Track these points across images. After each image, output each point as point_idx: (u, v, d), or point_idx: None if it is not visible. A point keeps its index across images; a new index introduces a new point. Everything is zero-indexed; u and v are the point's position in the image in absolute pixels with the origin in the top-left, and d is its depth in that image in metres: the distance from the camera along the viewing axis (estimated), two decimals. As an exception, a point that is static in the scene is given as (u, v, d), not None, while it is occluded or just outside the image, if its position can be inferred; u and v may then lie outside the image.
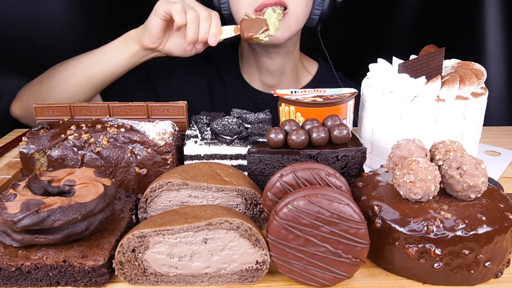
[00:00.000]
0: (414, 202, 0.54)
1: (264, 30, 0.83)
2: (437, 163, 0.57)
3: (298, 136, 0.64)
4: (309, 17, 1.02)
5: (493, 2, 1.13)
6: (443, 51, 0.75)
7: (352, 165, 0.66)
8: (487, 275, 0.53)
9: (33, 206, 0.50)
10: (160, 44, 0.89)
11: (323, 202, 0.49)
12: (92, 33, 1.24)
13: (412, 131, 0.72)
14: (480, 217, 0.51)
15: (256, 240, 0.52)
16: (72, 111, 0.74)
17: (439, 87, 0.70)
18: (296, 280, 0.53)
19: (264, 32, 0.83)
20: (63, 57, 1.22)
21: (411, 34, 1.33)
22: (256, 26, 0.83)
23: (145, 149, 0.68)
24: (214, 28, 0.84)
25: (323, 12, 1.01)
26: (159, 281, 0.53)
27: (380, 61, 0.78)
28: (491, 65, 1.17)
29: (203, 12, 0.83)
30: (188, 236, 0.51)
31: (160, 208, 0.61)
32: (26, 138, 0.69)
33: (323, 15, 1.01)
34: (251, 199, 0.62)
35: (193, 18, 0.82)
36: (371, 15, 1.35)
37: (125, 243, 0.51)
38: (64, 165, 0.68)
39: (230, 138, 0.69)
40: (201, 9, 0.84)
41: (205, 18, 0.83)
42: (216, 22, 0.84)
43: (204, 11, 0.84)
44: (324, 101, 0.75)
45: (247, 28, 0.84)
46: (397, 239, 0.52)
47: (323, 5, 1.00)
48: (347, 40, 1.35)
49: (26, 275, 0.52)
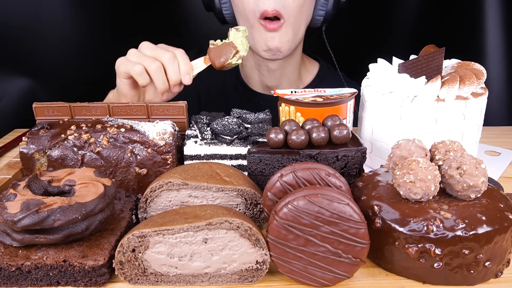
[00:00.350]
0: (414, 202, 0.54)
1: (234, 53, 0.79)
2: (437, 163, 0.57)
3: (298, 136, 0.64)
4: (312, 18, 1.01)
5: (493, 2, 1.13)
6: (443, 51, 0.75)
7: (352, 165, 0.66)
8: (487, 275, 0.53)
9: (33, 206, 0.50)
10: (138, 99, 0.86)
11: (323, 202, 0.49)
12: (92, 34, 1.24)
13: (412, 131, 0.72)
14: (480, 217, 0.51)
15: (256, 240, 0.52)
16: (72, 111, 0.74)
17: (439, 87, 0.70)
18: (296, 280, 0.53)
19: (235, 55, 0.79)
20: (64, 58, 1.23)
21: (411, 34, 1.33)
22: (225, 52, 0.79)
23: (145, 149, 0.68)
24: (183, 67, 0.79)
25: (327, 12, 1.00)
26: (159, 281, 0.53)
27: (380, 61, 0.78)
28: (491, 65, 1.17)
29: (166, 55, 0.78)
30: (188, 236, 0.51)
31: (160, 208, 0.61)
32: (26, 138, 0.69)
33: (328, 15, 1.01)
34: (251, 199, 0.62)
35: (156, 70, 0.77)
36: (371, 15, 1.35)
37: (125, 243, 0.51)
38: (64, 165, 0.68)
39: (230, 138, 0.69)
40: (163, 53, 0.78)
41: (170, 62, 0.78)
42: (183, 60, 0.79)
43: (166, 53, 0.78)
44: (324, 101, 0.75)
45: (217, 57, 0.79)
46: (397, 239, 0.52)
47: (327, 6, 0.99)
48: (347, 40, 1.35)
49: (26, 275, 0.52)
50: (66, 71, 1.23)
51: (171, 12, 1.37)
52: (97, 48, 1.26)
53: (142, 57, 0.79)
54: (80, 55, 1.23)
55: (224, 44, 0.79)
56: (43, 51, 1.19)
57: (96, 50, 1.25)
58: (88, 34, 1.23)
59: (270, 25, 0.93)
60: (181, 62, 0.79)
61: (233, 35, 0.79)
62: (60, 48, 1.21)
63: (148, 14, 1.32)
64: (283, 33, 0.95)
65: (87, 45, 1.24)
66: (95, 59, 1.25)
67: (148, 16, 1.32)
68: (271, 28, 0.93)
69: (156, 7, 1.34)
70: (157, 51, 0.79)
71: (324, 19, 1.02)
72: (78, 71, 1.23)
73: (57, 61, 1.22)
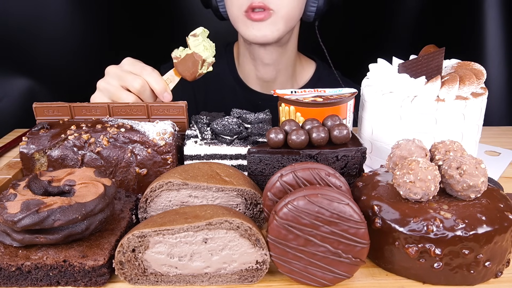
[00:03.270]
0: (414, 202, 0.54)
1: (201, 63, 0.76)
2: (437, 163, 0.57)
3: (298, 136, 0.64)
4: (304, 13, 1.02)
5: (493, 2, 1.13)
6: (443, 51, 0.75)
7: (352, 165, 0.66)
8: (487, 275, 0.53)
9: (33, 206, 0.50)
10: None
11: (323, 202, 0.49)
12: (92, 34, 1.25)
13: (412, 131, 0.72)
14: (480, 217, 0.51)
15: (256, 240, 0.52)
16: (72, 111, 0.74)
17: (439, 87, 0.70)
18: (296, 280, 0.53)
19: (203, 64, 0.76)
20: (64, 58, 1.23)
21: (411, 34, 1.33)
22: (192, 64, 0.76)
23: (145, 149, 0.68)
24: (157, 86, 0.76)
25: (319, 8, 1.01)
26: (159, 281, 0.53)
27: (380, 61, 0.78)
28: (491, 65, 1.17)
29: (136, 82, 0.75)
30: (188, 236, 0.51)
31: (160, 208, 0.61)
32: (26, 138, 0.69)
33: (319, 11, 1.01)
34: (251, 199, 0.62)
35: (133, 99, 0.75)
36: (371, 15, 1.35)
37: (125, 243, 0.51)
38: (64, 165, 0.68)
39: (230, 138, 0.69)
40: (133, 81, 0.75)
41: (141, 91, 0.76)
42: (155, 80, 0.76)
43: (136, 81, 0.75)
44: (324, 101, 0.75)
45: (186, 71, 0.76)
46: (397, 239, 0.52)
47: (319, 1, 1.00)
48: (347, 40, 1.36)
49: (26, 275, 0.52)
50: (66, 71, 1.23)
51: (171, 12, 1.37)
52: (97, 48, 1.26)
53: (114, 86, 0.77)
54: (80, 55, 1.24)
55: (187, 56, 0.76)
56: (43, 51, 1.19)
57: (96, 50, 1.25)
58: (88, 34, 1.23)
59: (255, 15, 0.93)
60: (155, 83, 0.76)
61: (192, 43, 0.75)
62: (60, 48, 1.21)
63: (148, 14, 1.32)
64: (272, 23, 0.95)
65: (87, 45, 1.24)
66: (95, 59, 1.25)
67: (148, 16, 1.33)
68: (256, 18, 0.94)
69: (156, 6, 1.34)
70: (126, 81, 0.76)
71: (316, 14, 1.02)
72: (78, 71, 1.23)
73: (57, 61, 1.22)
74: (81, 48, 1.23)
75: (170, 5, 1.36)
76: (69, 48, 1.22)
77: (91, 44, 1.24)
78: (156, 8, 1.34)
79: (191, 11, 1.37)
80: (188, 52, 0.76)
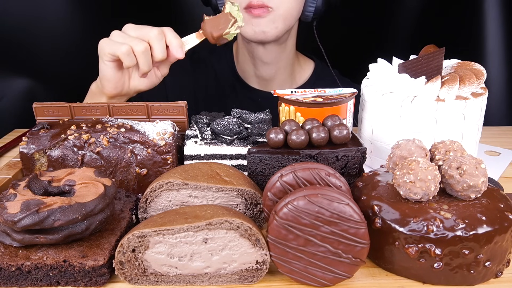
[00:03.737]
0: (414, 202, 0.54)
1: (233, 22, 0.77)
2: (437, 163, 0.57)
3: (298, 136, 0.64)
4: (303, 13, 1.02)
5: (493, 2, 1.13)
6: (443, 51, 0.75)
7: (352, 165, 0.66)
8: (487, 275, 0.53)
9: (33, 206, 0.50)
10: (123, 86, 0.82)
11: (323, 202, 0.49)
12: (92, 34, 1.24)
13: (412, 131, 0.72)
14: (480, 217, 0.51)
15: (256, 240, 0.52)
16: (72, 111, 0.74)
17: (439, 87, 0.70)
18: (296, 280, 0.53)
19: (234, 24, 0.77)
20: (64, 58, 1.22)
21: (411, 34, 1.33)
22: (223, 22, 0.77)
23: (145, 149, 0.68)
24: (174, 40, 0.76)
25: (317, 8, 1.01)
26: (159, 281, 0.53)
27: (380, 61, 0.78)
28: (491, 65, 1.17)
29: (153, 32, 0.75)
30: (188, 236, 0.51)
31: (160, 208, 0.61)
32: (26, 138, 0.69)
33: (317, 11, 1.02)
34: (251, 199, 0.62)
35: (143, 51, 0.75)
36: (371, 14, 1.35)
37: (125, 243, 0.51)
38: (64, 165, 0.68)
39: (230, 138, 0.69)
40: (149, 31, 0.75)
41: (157, 39, 0.75)
42: (173, 35, 0.77)
43: (153, 30, 0.75)
44: (324, 101, 0.75)
45: (215, 27, 0.77)
46: (397, 239, 0.52)
47: (317, 1, 1.00)
48: (347, 40, 1.36)
49: (26, 275, 0.52)
50: (66, 71, 1.23)
51: (171, 10, 1.37)
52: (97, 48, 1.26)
53: (128, 38, 0.76)
54: (80, 55, 1.23)
55: (221, 15, 0.78)
56: (43, 51, 1.19)
57: (96, 50, 1.25)
58: (88, 34, 1.23)
59: (255, 11, 0.94)
60: (171, 36, 0.77)
61: (229, 8, 0.78)
62: (60, 48, 1.21)
63: (147, 13, 1.32)
64: (270, 20, 0.96)
65: (87, 45, 1.24)
66: (95, 59, 1.25)
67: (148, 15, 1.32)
68: (257, 13, 0.94)
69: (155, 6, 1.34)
70: (143, 30, 0.76)
71: (315, 14, 1.02)
72: (78, 71, 1.23)
73: (57, 61, 1.22)
74: (81, 48, 1.23)
75: (169, 4, 1.36)
76: (69, 48, 1.22)
77: (91, 44, 1.24)
78: (156, 7, 1.34)
79: (191, 10, 1.37)
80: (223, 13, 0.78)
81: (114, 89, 0.81)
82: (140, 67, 0.76)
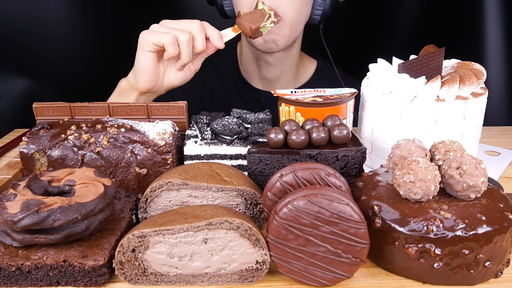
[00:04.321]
0: (414, 202, 0.54)
1: (267, 17, 0.83)
2: (437, 163, 0.57)
3: (298, 136, 0.64)
4: (310, 17, 1.02)
5: (493, 2, 1.13)
6: (443, 51, 0.75)
7: (352, 165, 0.66)
8: (487, 275, 0.53)
9: (33, 206, 0.50)
10: (157, 80, 0.83)
11: (323, 202, 0.49)
12: (92, 34, 1.25)
13: (412, 131, 0.72)
14: (480, 217, 0.51)
15: (256, 240, 0.52)
16: (72, 111, 0.74)
17: (439, 87, 0.70)
18: (296, 280, 0.53)
19: (268, 19, 0.83)
20: (64, 58, 1.22)
21: (411, 34, 1.33)
22: (259, 16, 0.83)
23: (145, 149, 0.68)
24: (214, 32, 0.80)
25: (325, 11, 1.01)
26: (159, 281, 0.53)
27: (380, 61, 0.78)
28: (491, 65, 1.17)
29: (195, 23, 0.78)
30: (188, 236, 0.51)
31: (160, 208, 0.61)
32: (26, 138, 0.69)
33: (325, 14, 1.02)
34: (251, 199, 0.62)
35: (188, 41, 0.77)
36: (372, 14, 1.35)
37: (125, 243, 0.51)
38: (64, 165, 0.68)
39: (230, 138, 0.69)
40: (190, 22, 0.78)
41: (200, 30, 0.78)
42: (212, 27, 0.80)
43: (194, 23, 0.78)
44: (324, 101, 0.75)
45: (252, 21, 0.82)
46: (397, 239, 0.52)
47: (325, 5, 1.00)
48: (347, 40, 1.36)
49: (26, 275, 0.52)
50: (66, 71, 1.23)
51: (173, 11, 1.37)
52: (97, 48, 1.26)
53: (171, 29, 0.78)
54: (80, 55, 1.24)
55: (256, 10, 0.84)
56: (43, 51, 1.19)
57: (96, 50, 1.25)
58: (88, 34, 1.24)
59: None
60: (212, 28, 0.80)
61: (261, 5, 0.84)
62: (60, 48, 1.21)
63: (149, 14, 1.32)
64: (279, 28, 0.96)
65: (87, 45, 1.24)
66: (95, 59, 1.25)
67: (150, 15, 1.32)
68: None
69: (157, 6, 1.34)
70: (184, 23, 0.79)
71: (322, 18, 1.02)
72: (78, 71, 1.23)
73: (57, 61, 1.22)
74: (81, 48, 1.23)
75: (172, 4, 1.36)
76: (69, 48, 1.22)
77: (91, 44, 1.24)
78: (158, 8, 1.34)
79: (194, 11, 1.37)
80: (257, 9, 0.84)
81: (150, 82, 0.82)
82: (181, 57, 0.78)
